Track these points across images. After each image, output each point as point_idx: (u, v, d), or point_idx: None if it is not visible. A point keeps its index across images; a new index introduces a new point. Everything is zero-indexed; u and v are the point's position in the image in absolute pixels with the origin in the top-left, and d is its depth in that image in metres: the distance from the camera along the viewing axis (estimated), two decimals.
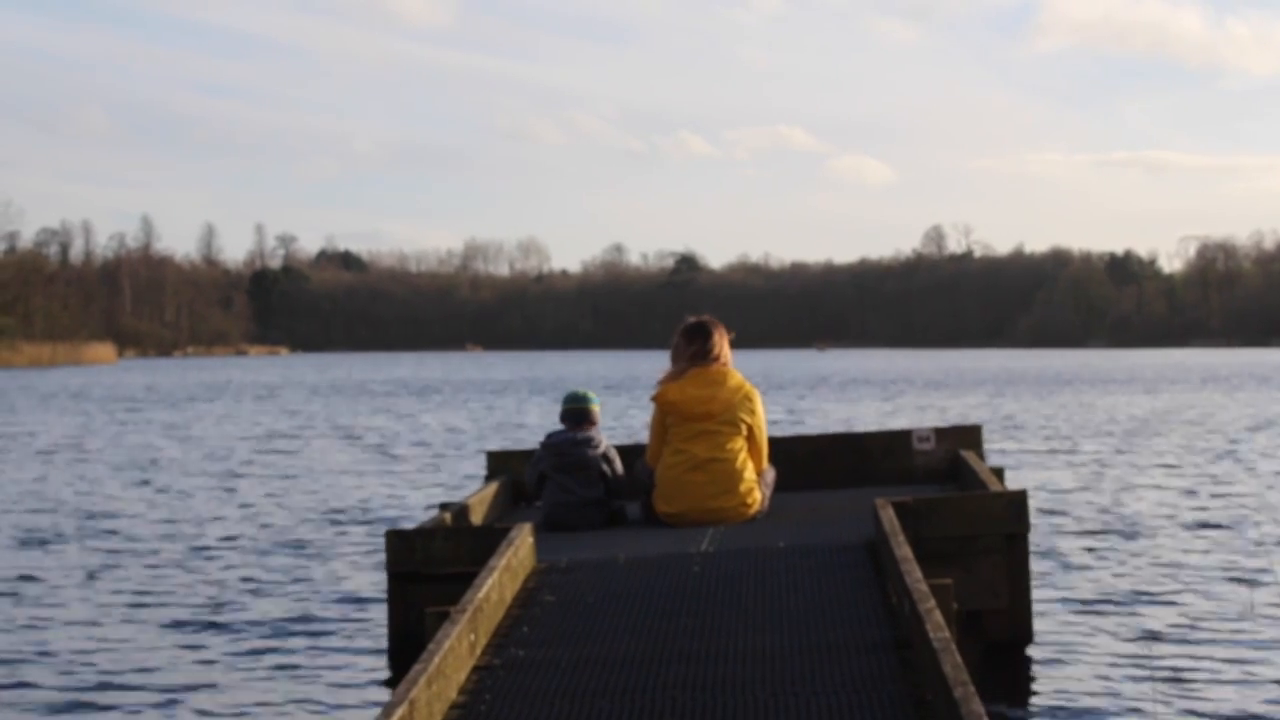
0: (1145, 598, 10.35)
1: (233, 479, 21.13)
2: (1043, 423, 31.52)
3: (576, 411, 9.54)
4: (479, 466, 19.61)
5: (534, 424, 33.42)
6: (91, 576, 12.34)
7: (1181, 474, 19.46)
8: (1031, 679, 8.00)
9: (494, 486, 9.97)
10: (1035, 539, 11.45)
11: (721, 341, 9.26)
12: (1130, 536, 13.47)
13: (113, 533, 15.21)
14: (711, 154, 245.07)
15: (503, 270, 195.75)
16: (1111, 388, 50.57)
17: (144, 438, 31.08)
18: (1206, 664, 8.29)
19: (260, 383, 69.76)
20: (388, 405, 44.99)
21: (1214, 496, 16.65)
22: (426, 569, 7.76)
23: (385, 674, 8.30)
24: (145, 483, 20.75)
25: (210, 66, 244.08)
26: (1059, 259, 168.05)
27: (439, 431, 31.76)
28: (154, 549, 13.96)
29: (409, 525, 11.03)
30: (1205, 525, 14.14)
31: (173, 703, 7.97)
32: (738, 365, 9.43)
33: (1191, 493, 17.09)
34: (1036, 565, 10.42)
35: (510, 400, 47.53)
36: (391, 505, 17.27)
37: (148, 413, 42.01)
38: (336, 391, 57.50)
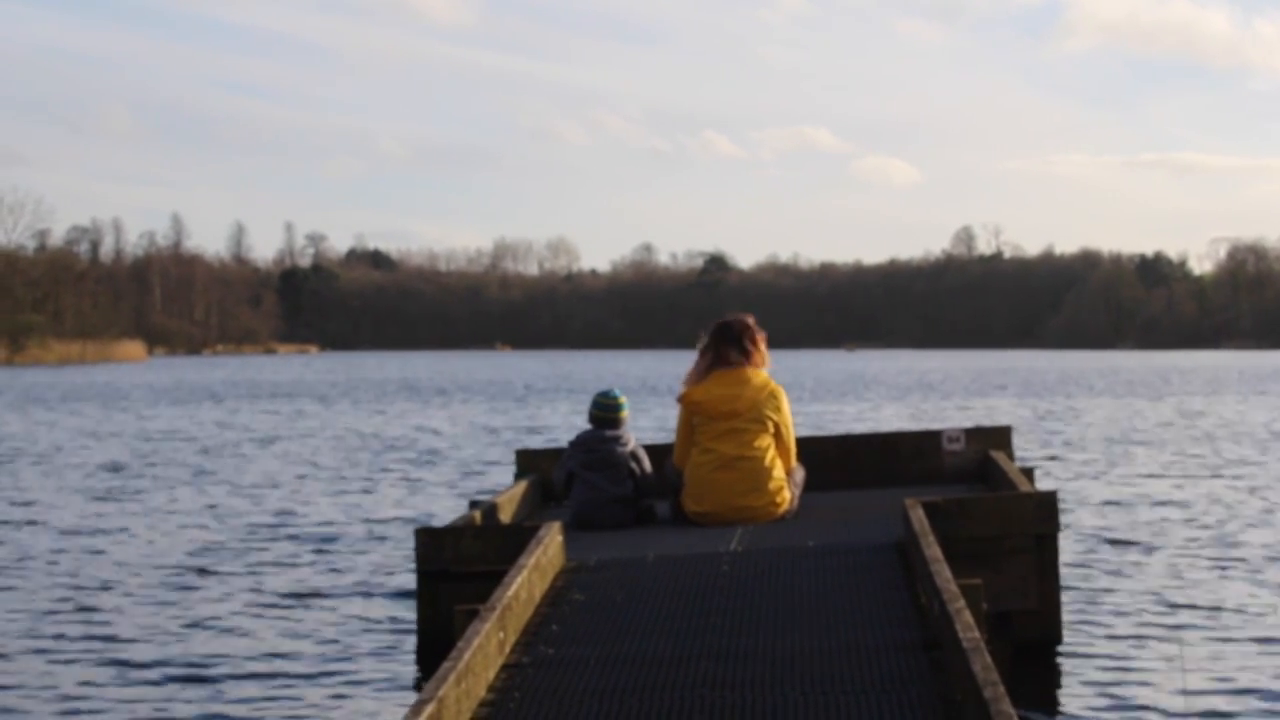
0: (1175, 599, 10.31)
1: (248, 477, 21.19)
2: (1073, 424, 31.42)
3: (605, 418, 9.54)
4: (452, 474, 19.62)
5: (503, 426, 33.45)
6: (122, 575, 12.39)
7: (1213, 477, 19.38)
8: (1061, 680, 7.98)
9: (523, 485, 9.98)
10: (1065, 540, 11.42)
11: (750, 337, 9.23)
12: (1160, 538, 13.42)
13: (124, 532, 15.27)
14: (737, 154, 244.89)
15: (532, 270, 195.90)
16: (1142, 390, 50.39)
17: (146, 435, 31.18)
18: (1236, 665, 8.25)
19: (282, 382, 69.92)
20: (395, 407, 45.07)
21: (1246, 497, 16.58)
22: (456, 567, 7.78)
23: (414, 671, 8.31)
24: (150, 482, 20.82)
25: (234, 65, 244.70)
26: (1089, 260, 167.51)
27: (431, 434, 31.81)
28: (171, 549, 14.00)
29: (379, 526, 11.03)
30: (1236, 528, 14.09)
31: (199, 699, 8.00)
32: None
33: (1223, 495, 17.02)
34: (1066, 566, 10.38)
35: (507, 402, 47.55)
36: (401, 507, 17.30)
37: (160, 411, 42.15)
38: (354, 391, 57.60)
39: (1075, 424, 31.44)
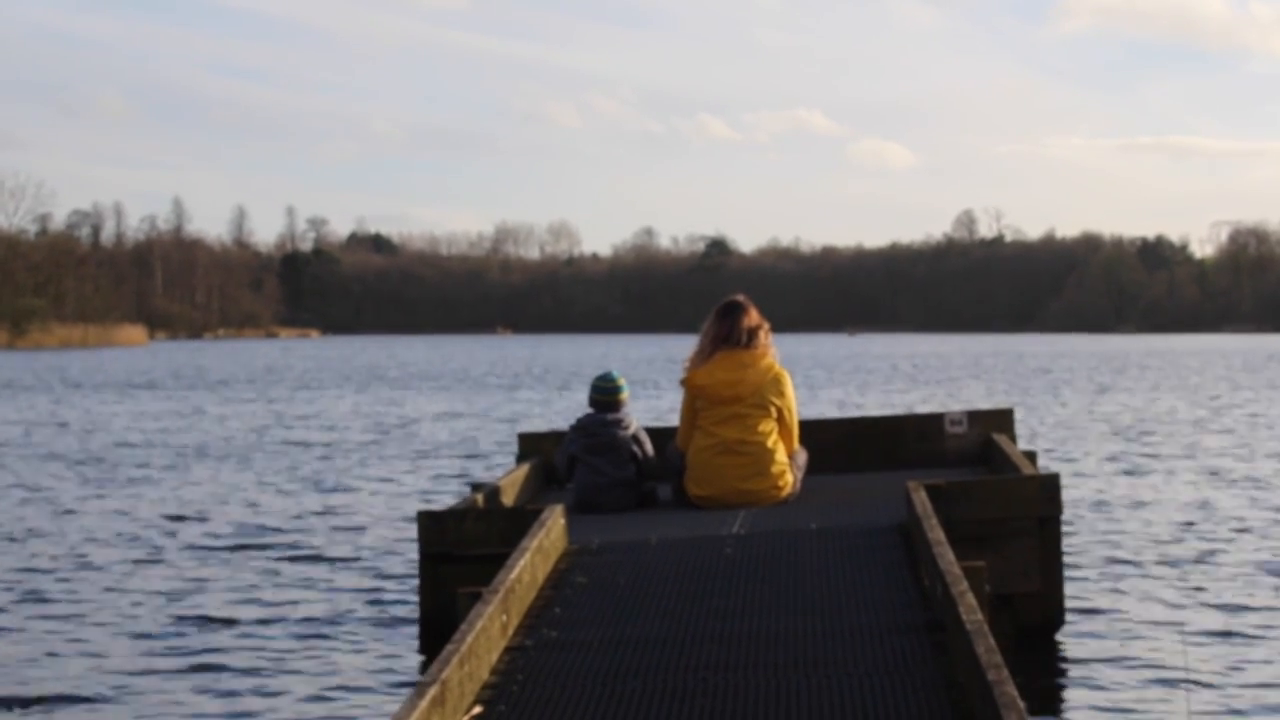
0: (1178, 583, 10.31)
1: (248, 461, 21.20)
2: (1076, 408, 31.42)
3: (604, 401, 9.54)
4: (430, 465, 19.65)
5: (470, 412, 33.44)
6: (126, 568, 12.40)
7: (1218, 463, 19.39)
8: (1063, 662, 7.98)
9: (525, 468, 9.98)
10: (1068, 522, 11.42)
11: (753, 322, 9.21)
12: (1163, 522, 13.42)
13: (128, 519, 15.28)
14: (732, 137, 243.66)
15: (533, 254, 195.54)
16: (1146, 374, 50.37)
17: (120, 425, 31.19)
18: (1239, 650, 8.26)
19: (279, 366, 69.91)
20: (396, 390, 45.07)
21: (1250, 485, 16.58)
22: (459, 550, 7.78)
23: (417, 654, 8.32)
24: (154, 471, 20.84)
25: (230, 49, 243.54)
26: (1090, 243, 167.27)
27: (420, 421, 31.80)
28: (175, 538, 14.01)
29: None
30: (1239, 512, 14.09)
31: (201, 682, 8.00)
32: None
33: (1227, 481, 17.03)
34: (1068, 548, 10.38)
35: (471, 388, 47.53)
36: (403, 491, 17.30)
37: (145, 397, 42.16)
38: (354, 376, 57.61)
39: (1076, 408, 31.43)
